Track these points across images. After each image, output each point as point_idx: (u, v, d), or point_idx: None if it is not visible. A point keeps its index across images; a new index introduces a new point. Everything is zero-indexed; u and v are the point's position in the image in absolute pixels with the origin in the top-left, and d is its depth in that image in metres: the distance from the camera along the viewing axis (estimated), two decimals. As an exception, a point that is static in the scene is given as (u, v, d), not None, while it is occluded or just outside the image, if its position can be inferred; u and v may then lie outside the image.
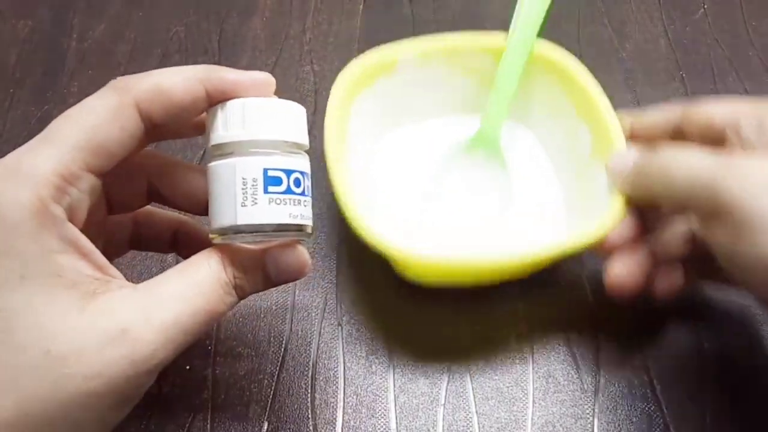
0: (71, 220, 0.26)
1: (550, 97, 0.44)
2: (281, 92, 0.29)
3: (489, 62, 0.43)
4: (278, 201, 0.27)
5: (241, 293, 0.28)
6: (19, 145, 0.27)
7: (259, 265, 0.29)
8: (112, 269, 0.27)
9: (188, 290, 0.27)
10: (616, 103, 0.39)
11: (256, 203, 0.27)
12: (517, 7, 0.43)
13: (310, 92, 0.51)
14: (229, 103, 0.28)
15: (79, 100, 0.27)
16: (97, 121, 0.27)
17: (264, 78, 0.29)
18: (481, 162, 0.44)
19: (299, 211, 0.28)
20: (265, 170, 0.27)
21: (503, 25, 0.43)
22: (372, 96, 0.43)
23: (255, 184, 0.27)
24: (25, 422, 0.24)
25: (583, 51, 0.53)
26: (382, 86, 0.43)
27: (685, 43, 0.54)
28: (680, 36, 0.55)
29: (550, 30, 0.55)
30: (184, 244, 0.35)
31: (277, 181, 0.27)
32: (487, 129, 0.44)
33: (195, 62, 0.54)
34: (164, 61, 0.53)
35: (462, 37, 0.44)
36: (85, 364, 0.24)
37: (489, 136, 0.44)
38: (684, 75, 0.52)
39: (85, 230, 0.27)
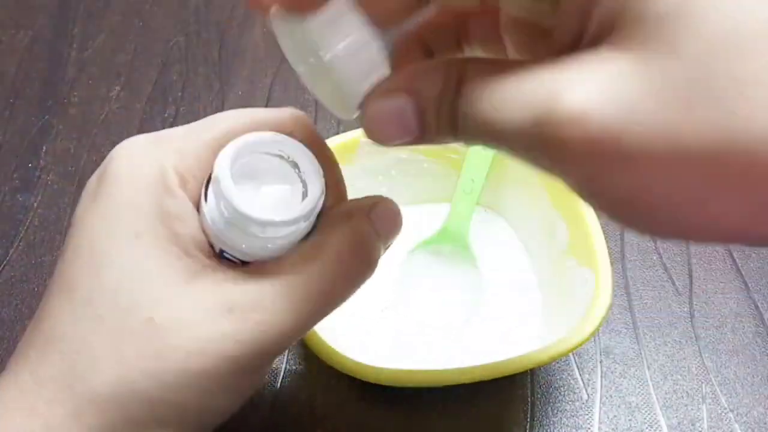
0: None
1: (524, 184, 0.40)
2: (281, 103, 0.29)
3: (455, 146, 0.40)
4: None
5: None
6: (20, 155, 0.27)
7: None
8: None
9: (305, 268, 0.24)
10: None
11: None
12: None
13: (310, 102, 0.51)
14: None
15: (80, 110, 0.26)
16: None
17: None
18: (449, 260, 0.41)
19: None
20: None
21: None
22: None
23: None
24: (124, 400, 0.22)
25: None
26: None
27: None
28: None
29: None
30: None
31: None
32: (454, 225, 0.40)
33: (196, 72, 0.55)
34: (165, 71, 0.53)
35: None
36: (187, 338, 0.22)
37: (456, 232, 0.40)
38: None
39: None
